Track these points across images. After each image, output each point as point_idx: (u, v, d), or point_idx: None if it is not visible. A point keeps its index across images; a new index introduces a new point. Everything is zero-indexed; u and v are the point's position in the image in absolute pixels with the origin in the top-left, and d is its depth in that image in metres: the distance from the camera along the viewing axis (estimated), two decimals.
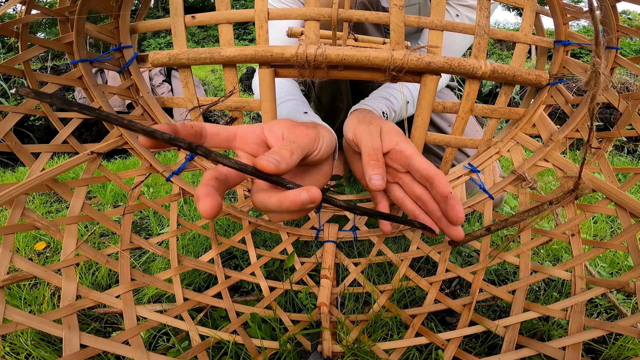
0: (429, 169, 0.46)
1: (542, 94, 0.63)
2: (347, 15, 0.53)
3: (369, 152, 0.49)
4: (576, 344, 0.44)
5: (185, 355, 0.47)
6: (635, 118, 0.54)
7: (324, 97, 1.01)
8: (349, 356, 0.48)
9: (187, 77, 0.61)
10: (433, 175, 0.46)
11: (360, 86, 0.98)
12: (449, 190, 0.44)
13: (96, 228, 0.95)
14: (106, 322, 0.63)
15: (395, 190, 0.52)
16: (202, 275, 0.71)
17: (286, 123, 0.45)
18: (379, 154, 0.49)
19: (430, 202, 0.47)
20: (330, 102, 1.00)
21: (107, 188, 1.24)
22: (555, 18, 0.61)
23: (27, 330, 0.57)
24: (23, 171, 1.70)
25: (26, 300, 0.67)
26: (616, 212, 0.52)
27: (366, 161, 0.48)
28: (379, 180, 0.46)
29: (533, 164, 0.62)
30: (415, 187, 0.49)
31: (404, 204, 0.51)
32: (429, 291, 0.58)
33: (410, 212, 0.50)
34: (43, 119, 2.41)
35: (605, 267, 0.77)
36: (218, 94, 3.19)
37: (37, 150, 0.54)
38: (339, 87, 0.95)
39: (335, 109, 1.02)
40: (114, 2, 0.61)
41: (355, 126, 0.54)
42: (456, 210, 0.43)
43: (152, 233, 0.96)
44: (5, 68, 0.52)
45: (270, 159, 0.34)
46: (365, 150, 0.50)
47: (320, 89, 0.99)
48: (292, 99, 0.70)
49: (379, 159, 0.49)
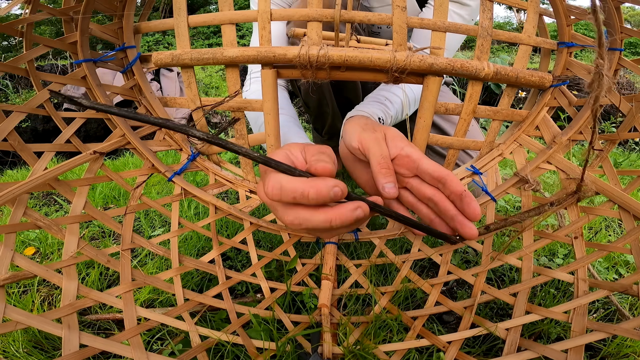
0: (439, 170, 0.47)
1: (546, 96, 0.63)
2: (350, 16, 0.53)
3: (379, 160, 0.49)
4: (578, 347, 0.44)
5: (186, 355, 0.46)
6: (639, 120, 0.54)
7: (310, 102, 1.02)
8: (349, 358, 0.48)
9: (189, 78, 0.61)
10: (444, 175, 0.46)
11: (346, 92, 0.98)
12: (462, 189, 0.45)
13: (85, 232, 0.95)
14: (99, 327, 0.62)
15: (408, 196, 0.52)
16: (194, 279, 0.70)
17: (298, 145, 0.46)
18: (388, 162, 0.49)
19: (442, 202, 0.47)
20: (317, 107, 1.02)
21: (95, 190, 1.21)
22: (558, 19, 0.61)
23: (20, 337, 0.56)
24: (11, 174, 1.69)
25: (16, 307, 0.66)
26: (619, 215, 0.52)
27: (377, 170, 0.48)
28: (392, 188, 0.47)
29: (536, 166, 0.61)
30: (425, 189, 0.49)
31: (419, 208, 0.51)
32: (430, 293, 0.57)
33: (425, 216, 0.51)
34: (29, 121, 2.39)
35: (602, 262, 0.77)
36: (209, 92, 3.18)
37: (40, 149, 0.54)
38: (323, 94, 0.95)
39: (322, 113, 1.04)
40: (118, 2, 0.61)
41: (359, 134, 0.54)
42: (472, 207, 0.44)
43: (144, 236, 0.95)
44: (10, 67, 0.52)
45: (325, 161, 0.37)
46: (375, 159, 0.49)
47: (306, 95, 0.99)
48: (282, 113, 0.69)
49: (390, 167, 0.49)
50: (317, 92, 0.95)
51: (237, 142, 0.64)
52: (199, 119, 0.64)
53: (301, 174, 0.37)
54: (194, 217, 0.97)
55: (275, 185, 0.36)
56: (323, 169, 0.36)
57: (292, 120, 0.71)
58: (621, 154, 1.78)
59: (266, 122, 0.59)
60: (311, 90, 0.90)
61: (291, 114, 0.74)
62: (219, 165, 0.69)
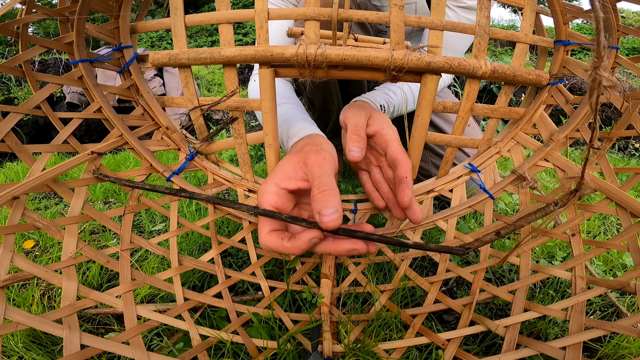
0: (397, 154, 0.51)
1: (543, 94, 0.63)
2: (347, 15, 0.53)
3: (352, 128, 0.54)
4: (577, 344, 0.44)
5: (186, 355, 0.47)
6: (636, 118, 0.54)
7: (315, 99, 1.02)
8: (349, 356, 0.48)
9: (187, 77, 0.60)
10: (399, 159, 0.51)
11: (351, 89, 0.98)
12: (405, 175, 0.49)
13: (86, 226, 0.95)
14: (99, 322, 0.63)
15: (376, 174, 0.57)
16: (196, 275, 0.70)
17: (295, 161, 0.47)
18: (361, 131, 0.54)
19: (392, 185, 0.54)
20: (321, 104, 1.02)
21: (96, 184, 1.21)
22: (555, 17, 0.61)
23: (18, 333, 0.56)
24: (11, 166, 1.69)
25: (15, 301, 0.66)
26: (617, 212, 0.52)
27: (348, 136, 0.53)
28: (358, 152, 0.51)
29: (533, 164, 0.62)
30: (388, 171, 0.55)
31: (380, 186, 0.57)
32: (429, 291, 0.58)
33: (384, 194, 0.57)
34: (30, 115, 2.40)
35: (600, 265, 0.77)
36: (211, 89, 3.16)
37: (37, 150, 0.54)
38: (330, 90, 0.95)
39: (327, 111, 1.03)
40: (114, 2, 0.61)
41: (346, 111, 0.59)
42: (403, 194, 0.48)
43: (145, 230, 0.95)
44: (5, 68, 0.52)
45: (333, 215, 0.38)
46: (349, 127, 0.55)
47: (311, 92, 0.99)
48: (286, 102, 0.71)
49: (360, 135, 0.53)
50: (323, 89, 0.95)
51: (236, 141, 0.64)
52: (196, 118, 0.64)
53: (286, 219, 0.42)
54: (194, 214, 0.97)
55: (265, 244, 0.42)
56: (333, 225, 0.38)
57: (297, 107, 0.71)
58: (621, 159, 1.78)
59: (264, 121, 0.59)
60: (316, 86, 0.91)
61: (296, 103, 0.74)
62: (218, 164, 0.69)
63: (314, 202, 0.40)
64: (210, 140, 0.67)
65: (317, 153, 0.47)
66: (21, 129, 2.38)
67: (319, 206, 0.39)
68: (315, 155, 0.46)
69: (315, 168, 0.44)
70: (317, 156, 0.46)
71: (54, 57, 2.79)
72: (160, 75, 2.49)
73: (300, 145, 0.54)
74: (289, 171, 0.46)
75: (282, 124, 0.64)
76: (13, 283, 0.43)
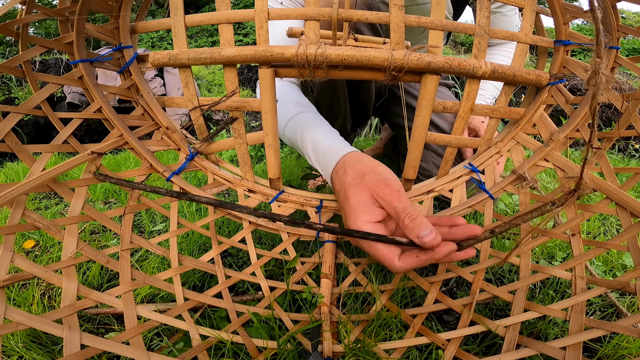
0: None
1: (543, 94, 0.63)
2: (347, 15, 0.53)
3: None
4: (577, 344, 0.44)
5: (186, 355, 0.47)
6: (636, 118, 0.54)
7: (322, 102, 1.01)
8: (349, 356, 0.48)
9: (187, 77, 0.61)
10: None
11: (360, 93, 0.98)
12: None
13: (86, 226, 0.95)
14: (99, 322, 0.63)
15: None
16: (196, 274, 0.70)
17: (367, 196, 0.51)
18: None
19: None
20: (328, 107, 1.01)
21: (97, 184, 1.22)
22: (555, 17, 0.61)
23: (18, 332, 0.56)
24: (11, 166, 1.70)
25: (15, 301, 0.66)
26: (617, 212, 0.52)
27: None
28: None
29: (533, 164, 0.62)
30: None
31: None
32: (429, 291, 0.58)
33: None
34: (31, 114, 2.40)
35: (600, 266, 0.77)
36: (212, 89, 3.15)
37: (38, 150, 0.54)
38: (338, 95, 0.95)
39: (333, 114, 1.03)
40: (114, 2, 0.61)
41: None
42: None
43: (145, 230, 0.95)
44: (6, 68, 0.52)
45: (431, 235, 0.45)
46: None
47: (318, 94, 0.99)
48: (303, 110, 0.72)
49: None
50: (330, 92, 0.95)
51: (236, 141, 0.64)
52: (196, 118, 0.64)
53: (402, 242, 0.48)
54: (195, 214, 0.97)
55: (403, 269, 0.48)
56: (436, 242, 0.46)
57: (318, 118, 0.72)
58: (621, 160, 1.78)
59: (264, 121, 0.59)
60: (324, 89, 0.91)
61: (314, 111, 0.75)
62: (218, 164, 0.69)
63: (407, 229, 0.46)
64: (210, 140, 0.67)
65: (386, 185, 0.51)
66: (21, 129, 2.39)
67: (415, 232, 0.46)
68: (386, 188, 0.50)
69: (395, 202, 0.49)
70: (389, 189, 0.50)
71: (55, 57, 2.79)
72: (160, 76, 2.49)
73: (353, 173, 0.55)
74: (370, 207, 0.51)
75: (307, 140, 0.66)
76: (13, 283, 0.43)
